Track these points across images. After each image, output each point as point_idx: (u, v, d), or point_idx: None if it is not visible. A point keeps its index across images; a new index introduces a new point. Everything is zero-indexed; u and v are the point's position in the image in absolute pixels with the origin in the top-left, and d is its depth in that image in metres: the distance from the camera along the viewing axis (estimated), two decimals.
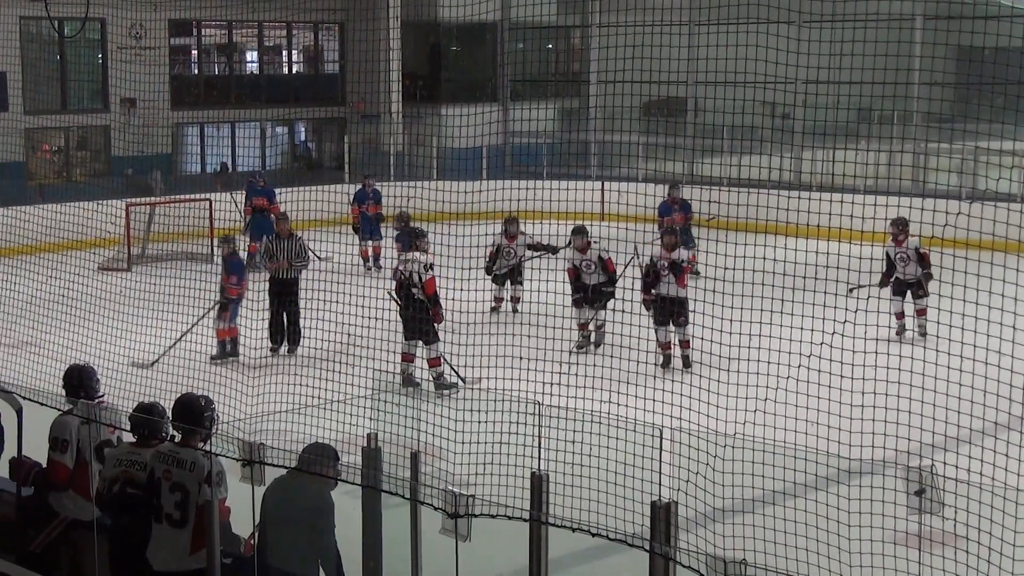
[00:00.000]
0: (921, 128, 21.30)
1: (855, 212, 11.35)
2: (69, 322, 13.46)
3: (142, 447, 7.64)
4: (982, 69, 20.66)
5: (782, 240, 12.16)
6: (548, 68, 34.09)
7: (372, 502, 7.67)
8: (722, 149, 23.58)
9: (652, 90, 23.56)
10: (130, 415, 7.78)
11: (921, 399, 8.72)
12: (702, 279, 11.78)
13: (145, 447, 7.61)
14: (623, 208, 14.57)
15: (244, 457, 6.79)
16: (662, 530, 5.66)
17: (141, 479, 7.43)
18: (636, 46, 14.94)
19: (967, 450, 8.32)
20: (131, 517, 7.49)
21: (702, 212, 18.32)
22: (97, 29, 28.35)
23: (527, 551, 6.08)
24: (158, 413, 7.89)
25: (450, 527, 5.74)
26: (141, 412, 7.79)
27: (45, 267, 14.44)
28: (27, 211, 18.58)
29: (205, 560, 7.01)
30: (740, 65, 13.79)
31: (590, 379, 10.72)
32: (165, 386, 11.55)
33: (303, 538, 7.49)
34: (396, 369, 11.45)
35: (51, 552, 8.17)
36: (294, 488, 7.42)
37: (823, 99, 24.35)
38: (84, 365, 8.94)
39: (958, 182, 23.27)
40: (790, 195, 12.60)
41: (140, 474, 7.46)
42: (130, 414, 7.79)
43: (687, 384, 10.10)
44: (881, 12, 23.28)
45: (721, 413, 9.79)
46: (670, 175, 25.36)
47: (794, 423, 9.50)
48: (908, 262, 16.49)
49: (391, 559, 7.66)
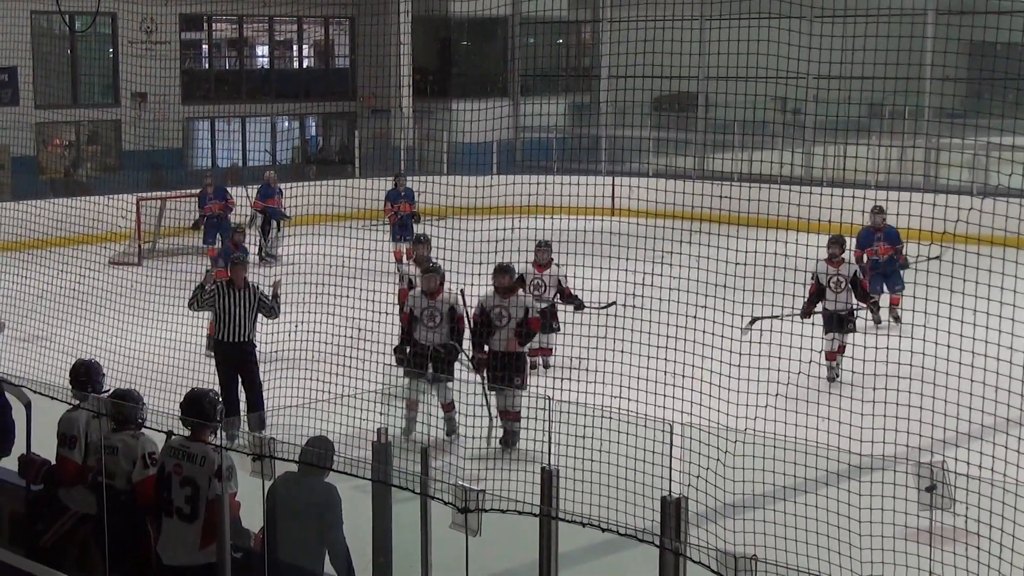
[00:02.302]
0: (933, 123, 21.22)
1: (866, 207, 11.33)
2: (80, 316, 13.47)
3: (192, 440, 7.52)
4: (994, 64, 20.60)
5: (793, 235, 12.11)
6: (559, 63, 34.06)
7: (382, 497, 7.67)
8: (733, 144, 23.55)
9: (663, 85, 23.47)
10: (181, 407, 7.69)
11: (932, 395, 8.69)
12: (712, 274, 11.70)
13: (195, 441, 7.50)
14: (633, 203, 14.52)
15: (254, 452, 6.79)
16: (672, 525, 5.65)
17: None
18: (647, 41, 14.92)
19: (978, 446, 8.29)
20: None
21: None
22: (108, 23, 28.36)
23: (537, 546, 6.07)
24: (133, 399, 7.96)
25: (460, 522, 5.74)
26: (188, 403, 7.69)
27: (56, 261, 14.46)
28: (38, 205, 18.60)
29: (215, 554, 7.02)
30: (751, 60, 13.77)
31: (601, 374, 10.70)
32: (176, 380, 11.56)
33: (311, 533, 7.50)
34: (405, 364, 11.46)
35: (61, 547, 8.18)
36: (301, 483, 7.43)
37: (834, 94, 24.32)
38: (91, 360, 8.96)
39: (970, 178, 23.20)
40: (801, 190, 12.58)
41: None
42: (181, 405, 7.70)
43: (698, 379, 10.07)
44: (893, 7, 23.20)
45: (732, 408, 9.78)
46: (683, 170, 25.35)
47: (805, 419, 9.48)
48: (842, 289, 14.30)
49: (401, 554, 7.66)
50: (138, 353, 12.99)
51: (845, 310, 14.24)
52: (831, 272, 14.28)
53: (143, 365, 12.49)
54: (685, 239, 12.24)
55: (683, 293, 11.02)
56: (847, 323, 14.23)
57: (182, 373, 12.22)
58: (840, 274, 14.25)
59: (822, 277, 14.29)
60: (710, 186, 17.22)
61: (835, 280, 14.24)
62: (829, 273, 14.28)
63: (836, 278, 14.23)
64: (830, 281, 14.24)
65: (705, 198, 16.90)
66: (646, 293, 11.08)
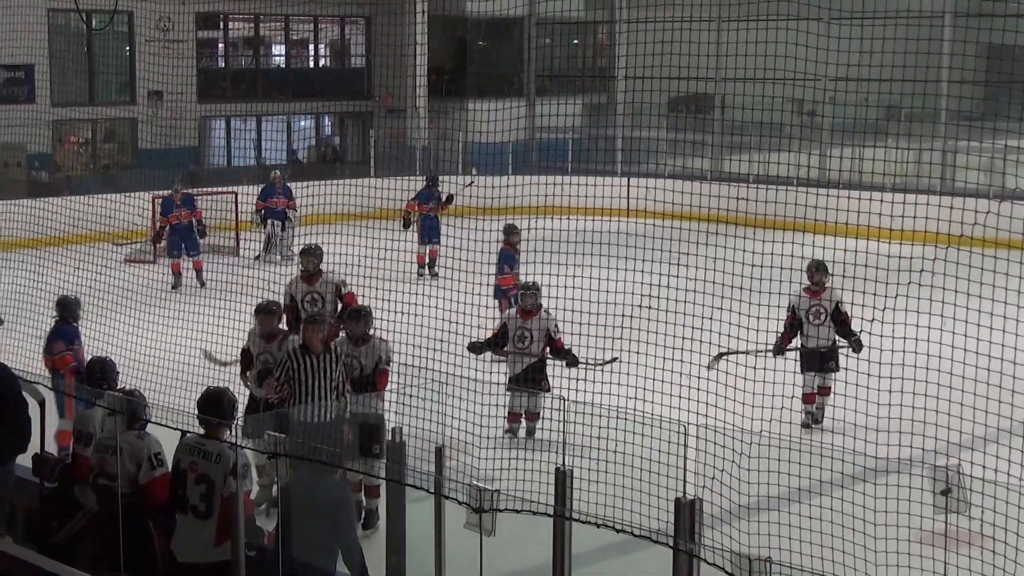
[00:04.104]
0: (950, 126, 21.17)
1: (883, 210, 11.31)
2: (95, 314, 13.50)
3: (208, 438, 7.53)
4: (1012, 67, 20.56)
5: (809, 238, 12.09)
6: (575, 63, 34.05)
7: (396, 496, 7.68)
8: (749, 146, 23.52)
9: (679, 86, 23.46)
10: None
11: (948, 398, 8.68)
12: (729, 275, 11.69)
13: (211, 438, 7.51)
14: (649, 204, 14.47)
15: (269, 451, 6.80)
16: (686, 527, 5.65)
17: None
18: (663, 42, 14.92)
19: (994, 449, 8.28)
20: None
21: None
22: (125, 22, 28.44)
23: (551, 546, 6.07)
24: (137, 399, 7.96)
25: (474, 522, 5.74)
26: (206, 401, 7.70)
27: (72, 259, 14.49)
28: (55, 203, 18.65)
29: (229, 552, 7.03)
30: (767, 62, 13.77)
31: (615, 375, 10.70)
32: (190, 379, 11.59)
33: (324, 531, 7.50)
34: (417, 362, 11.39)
35: (75, 543, 8.20)
36: (314, 481, 7.44)
37: (851, 96, 24.30)
38: (105, 358, 8.99)
39: (987, 181, 23.15)
40: (817, 192, 12.56)
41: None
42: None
43: (713, 381, 10.07)
44: (910, 9, 23.18)
45: (747, 410, 9.77)
46: (699, 171, 25.33)
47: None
48: (822, 323, 12.37)
49: (414, 554, 7.66)
50: (154, 351, 13.02)
51: (825, 347, 12.41)
52: (812, 302, 12.45)
53: (159, 364, 12.51)
54: (701, 240, 12.24)
55: (698, 295, 11.02)
56: (828, 361, 12.42)
57: (199, 372, 12.25)
58: (821, 304, 12.43)
59: (798, 305, 12.51)
60: (726, 188, 17.17)
61: (815, 311, 12.40)
62: (810, 304, 12.46)
63: (816, 308, 12.41)
64: (809, 312, 12.42)
65: (721, 200, 16.97)
66: (661, 294, 11.07)
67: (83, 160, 29.82)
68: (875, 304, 9.94)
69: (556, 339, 12.11)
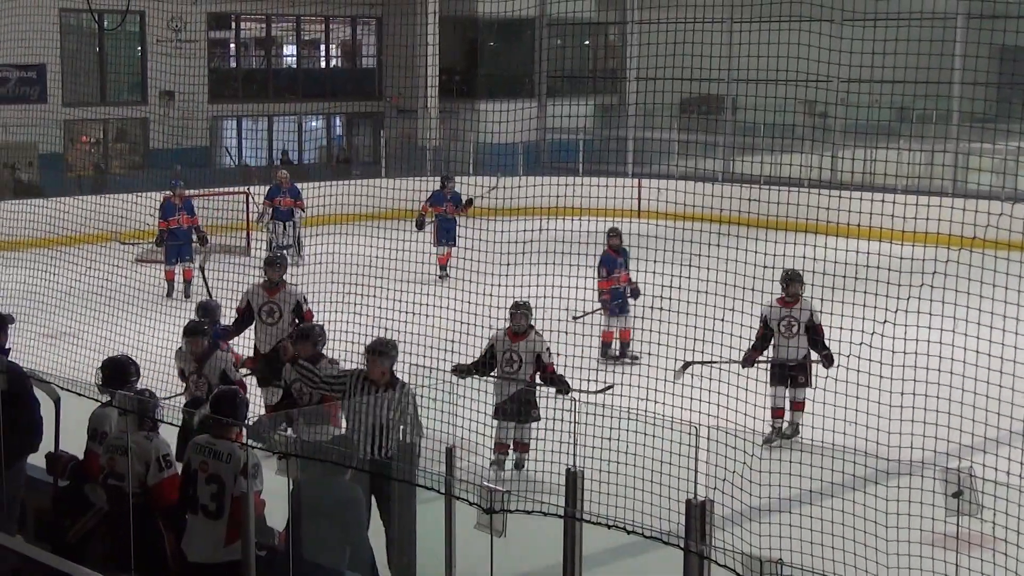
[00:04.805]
0: (962, 128, 21.14)
1: (894, 212, 11.30)
2: (107, 313, 13.52)
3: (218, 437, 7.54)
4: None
5: (820, 239, 12.07)
6: (586, 64, 34.05)
7: (406, 497, 7.68)
8: (760, 147, 23.49)
9: (690, 87, 23.47)
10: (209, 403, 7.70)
11: (960, 400, 8.66)
12: (739, 276, 11.66)
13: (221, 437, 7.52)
14: (660, 205, 14.45)
15: (280, 450, 6.81)
16: (697, 528, 5.64)
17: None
18: (674, 43, 14.91)
19: (1006, 452, 8.27)
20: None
21: None
22: (136, 22, 28.49)
23: (561, 547, 6.06)
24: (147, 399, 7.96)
25: (485, 522, 5.73)
26: (217, 400, 7.72)
27: (84, 258, 14.51)
28: (67, 202, 18.67)
29: (239, 552, 7.03)
30: (779, 63, 13.75)
31: (627, 376, 10.70)
32: None
33: (334, 531, 7.51)
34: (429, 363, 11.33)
35: (86, 542, 8.21)
36: (325, 482, 7.44)
37: (862, 98, 24.26)
38: (122, 356, 8.97)
39: (999, 182, 23.09)
40: (829, 194, 12.57)
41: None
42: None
43: (725, 383, 10.05)
44: (923, 10, 23.15)
45: (758, 412, 9.76)
46: (710, 173, 25.33)
47: (832, 423, 9.47)
48: (793, 334, 11.85)
49: (425, 554, 7.66)
50: (163, 351, 13.03)
51: (796, 360, 11.88)
52: (783, 313, 11.98)
53: (169, 363, 12.52)
54: (712, 241, 12.23)
55: (709, 296, 11.01)
56: (799, 376, 11.93)
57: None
58: (792, 316, 11.95)
59: (769, 316, 12.06)
60: (737, 189, 17.14)
61: (786, 322, 11.92)
62: (781, 315, 11.99)
63: (788, 320, 11.92)
64: (780, 323, 11.94)
65: (732, 201, 16.97)
66: (673, 295, 11.06)
67: (94, 160, 29.89)
68: (887, 306, 9.92)
69: (547, 364, 11.05)
